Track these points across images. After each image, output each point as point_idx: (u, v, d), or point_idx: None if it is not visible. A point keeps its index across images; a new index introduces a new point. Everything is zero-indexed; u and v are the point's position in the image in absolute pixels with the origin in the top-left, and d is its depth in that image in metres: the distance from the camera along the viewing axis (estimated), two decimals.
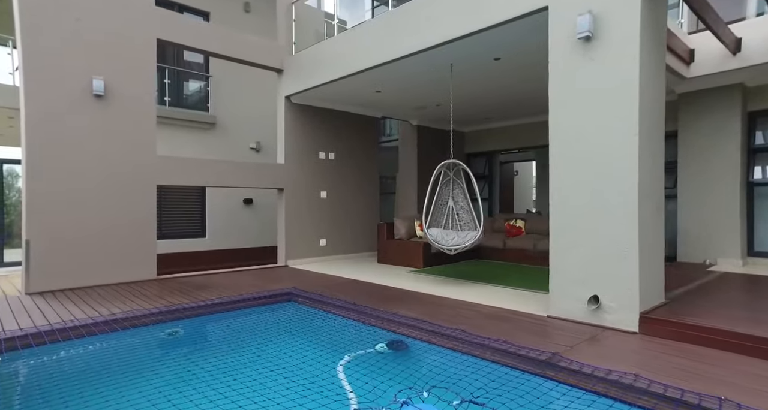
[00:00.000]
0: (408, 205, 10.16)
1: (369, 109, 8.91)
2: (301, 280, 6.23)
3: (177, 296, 5.14)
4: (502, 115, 9.40)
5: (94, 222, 5.72)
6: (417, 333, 3.79)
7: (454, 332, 3.59)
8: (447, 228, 6.16)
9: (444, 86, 6.91)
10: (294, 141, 7.86)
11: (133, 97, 6.05)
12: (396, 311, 4.32)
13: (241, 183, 7.16)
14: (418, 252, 7.27)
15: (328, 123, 8.38)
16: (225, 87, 10.26)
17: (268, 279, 6.38)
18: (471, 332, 3.56)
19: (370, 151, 9.19)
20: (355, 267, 7.43)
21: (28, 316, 4.23)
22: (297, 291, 5.42)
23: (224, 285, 5.83)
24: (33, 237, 5.29)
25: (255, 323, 4.67)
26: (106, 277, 5.81)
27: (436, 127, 10.45)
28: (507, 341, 3.29)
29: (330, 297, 5.03)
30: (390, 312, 4.29)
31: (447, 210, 6.23)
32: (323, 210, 8.29)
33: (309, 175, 8.08)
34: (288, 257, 7.75)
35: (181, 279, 6.31)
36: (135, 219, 6.06)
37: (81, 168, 5.63)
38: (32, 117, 5.31)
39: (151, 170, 6.20)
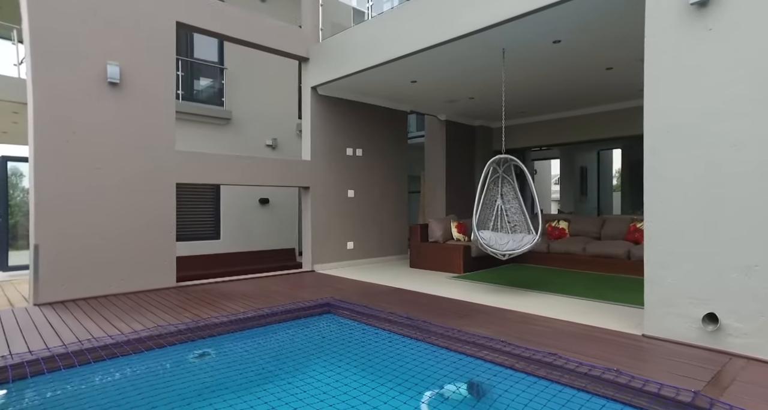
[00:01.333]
0: (436, 206, 9.58)
1: (398, 103, 8.32)
2: (334, 288, 5.65)
3: (202, 307, 4.57)
4: (539, 108, 8.80)
5: (108, 225, 5.15)
6: (496, 356, 3.20)
7: (545, 355, 3.01)
8: (496, 230, 5.57)
9: (488, 74, 6.33)
10: (320, 135, 7.28)
11: (151, 85, 5.48)
12: (461, 327, 3.74)
13: (264, 181, 6.58)
14: (458, 257, 6.68)
15: (355, 117, 7.79)
16: (240, 81, 9.69)
17: (297, 287, 5.81)
18: (563, 355, 2.97)
19: (399, 148, 8.60)
20: (388, 273, 6.85)
21: (38, 334, 3.66)
22: (336, 301, 4.84)
23: (251, 295, 5.26)
24: (42, 242, 4.73)
25: (294, 341, 4.08)
26: (121, 285, 5.24)
27: (465, 123, 9.87)
28: (619, 370, 2.70)
29: (376, 308, 4.45)
30: (455, 328, 3.71)
31: (495, 210, 5.64)
32: (351, 211, 7.71)
33: (336, 172, 7.50)
34: (314, 261, 7.17)
35: (203, 287, 5.74)
36: (153, 221, 5.49)
37: (94, 164, 5.07)
38: (41, 107, 4.75)
39: (170, 167, 5.63)
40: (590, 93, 7.48)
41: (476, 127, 10.15)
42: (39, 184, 4.72)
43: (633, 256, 6.14)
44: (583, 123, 9.00)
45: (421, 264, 7.27)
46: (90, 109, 5.04)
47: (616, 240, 6.69)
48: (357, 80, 6.78)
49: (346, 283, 6.01)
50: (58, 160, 4.84)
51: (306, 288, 5.66)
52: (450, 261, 6.78)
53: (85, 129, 5.01)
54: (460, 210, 9.66)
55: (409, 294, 5.24)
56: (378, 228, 8.15)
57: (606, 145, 13.54)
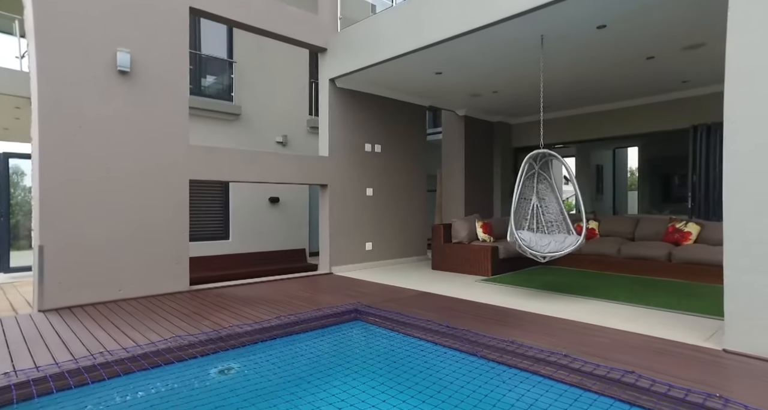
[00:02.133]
0: (453, 205, 9.21)
1: (417, 97, 7.95)
2: (357, 292, 5.29)
3: (220, 314, 4.20)
4: (562, 103, 8.42)
5: (117, 225, 4.79)
6: (562, 373, 2.83)
7: (623, 374, 2.64)
8: (531, 230, 5.20)
9: (519, 64, 5.96)
10: (338, 130, 6.91)
11: (164, 74, 5.12)
12: (510, 337, 3.38)
13: (282, 178, 6.22)
14: (486, 258, 6.31)
15: (373, 111, 7.43)
16: (250, 75, 9.33)
17: (318, 291, 5.45)
18: (646, 375, 2.61)
19: (418, 144, 8.23)
20: (411, 276, 6.49)
21: (45, 346, 3.30)
22: (364, 307, 4.48)
23: (271, 300, 4.89)
24: (47, 243, 4.37)
25: (322, 353, 3.71)
26: (132, 289, 4.88)
27: (483, 118, 9.50)
28: (724, 398, 2.33)
29: (410, 315, 4.09)
30: (505, 339, 3.34)
31: (531, 209, 5.27)
32: (369, 210, 7.35)
33: (354, 169, 7.14)
34: (332, 263, 6.81)
35: (218, 291, 5.38)
36: (165, 221, 5.13)
37: (102, 160, 4.71)
38: (46, 98, 4.39)
39: (183, 163, 5.27)
40: (622, 86, 7.11)
41: (495, 123, 9.79)
42: (44, 180, 4.36)
43: (675, 258, 5.77)
44: (606, 119, 8.64)
45: (444, 266, 6.90)
46: (98, 99, 4.68)
47: (653, 242, 6.31)
48: (378, 72, 6.41)
49: (369, 287, 5.65)
50: (65, 155, 4.48)
51: (327, 293, 5.30)
52: (477, 263, 6.41)
53: (93, 122, 4.64)
54: (479, 210, 9.30)
55: (441, 299, 4.88)
56: (397, 229, 7.79)
57: (623, 143, 13.18)
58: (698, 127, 6.76)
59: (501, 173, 9.72)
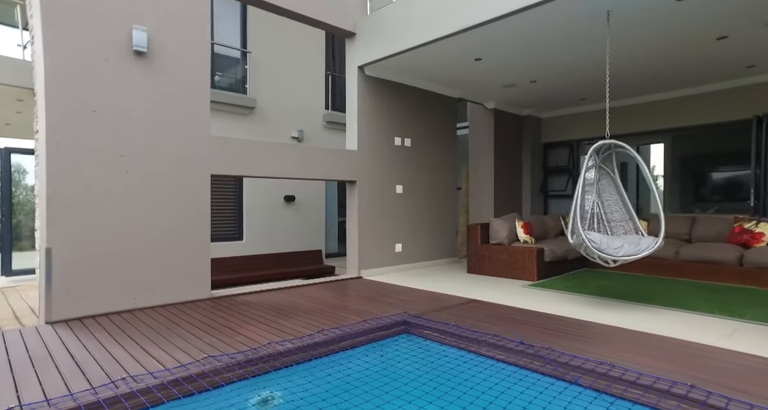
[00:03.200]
0: (481, 204, 8.67)
1: (448, 87, 7.42)
2: (397, 300, 4.76)
3: (254, 327, 3.68)
4: (600, 95, 7.88)
5: (133, 225, 4.27)
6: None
7: None
8: (592, 231, 4.67)
9: (573, 47, 5.42)
10: (367, 122, 6.38)
11: (184, 56, 4.59)
12: (606, 358, 2.84)
13: (309, 173, 5.68)
14: (531, 261, 5.78)
15: (403, 102, 6.89)
16: (264, 67, 8.80)
17: (352, 298, 4.92)
18: None
19: (448, 139, 7.70)
20: (448, 280, 5.96)
21: (55, 369, 2.77)
22: (413, 318, 3.95)
23: (304, 309, 4.37)
24: (56, 246, 3.84)
25: (373, 373, 3.18)
26: (148, 298, 4.35)
27: (512, 112, 8.97)
28: None
29: (471, 328, 3.56)
30: (604, 361, 2.81)
31: (591, 207, 4.74)
32: (399, 209, 6.82)
33: (384, 165, 6.60)
34: (361, 266, 6.28)
35: (243, 298, 4.85)
36: (185, 221, 4.61)
37: (117, 151, 4.18)
38: (54, 79, 3.86)
39: (205, 155, 4.74)
40: (676, 73, 6.56)
41: (524, 117, 9.25)
42: (52, 174, 3.83)
43: (747, 262, 5.23)
44: (643, 112, 8.12)
45: (481, 270, 6.37)
46: (113, 83, 4.15)
47: (716, 243, 5.77)
48: (410, 58, 5.88)
49: (408, 293, 5.12)
50: (75, 146, 3.95)
51: (364, 300, 4.77)
52: (520, 267, 5.88)
53: (106, 107, 4.11)
54: (507, 209, 8.77)
55: (496, 308, 4.35)
56: (426, 229, 7.26)
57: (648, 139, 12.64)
58: (763, 117, 6.23)
59: (531, 170, 9.18)
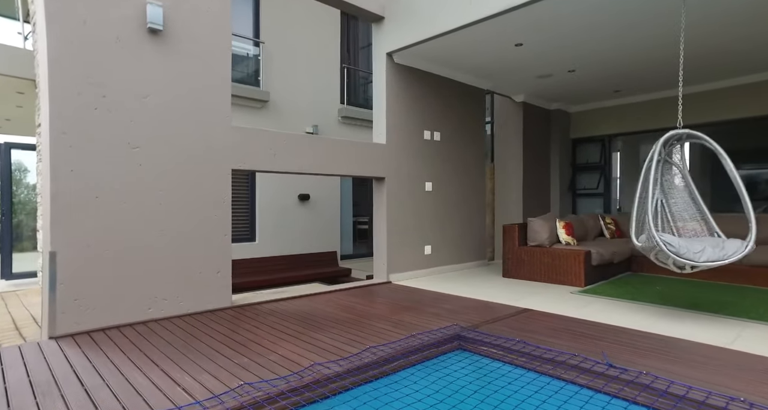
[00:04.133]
0: (509, 203, 8.18)
1: (478, 78, 6.92)
2: (440, 309, 4.27)
3: (288, 344, 3.19)
4: (639, 86, 7.38)
5: (147, 226, 3.79)
6: None
7: None
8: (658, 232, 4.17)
9: (628, 29, 4.93)
10: (396, 114, 5.89)
11: (203, 36, 4.11)
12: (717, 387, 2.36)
13: (338, 169, 5.20)
14: (578, 265, 5.29)
15: (432, 92, 6.40)
16: (278, 59, 8.34)
17: (387, 306, 4.43)
18: None
19: (477, 133, 7.21)
20: (487, 286, 5.47)
21: (61, 399, 2.28)
22: (468, 332, 3.47)
23: (339, 320, 3.88)
24: (61, 249, 3.37)
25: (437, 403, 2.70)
26: (164, 307, 3.87)
27: (540, 105, 8.47)
28: None
29: (543, 346, 3.07)
30: (734, 396, 2.32)
31: (654, 206, 4.25)
32: (428, 208, 6.33)
33: (413, 160, 6.12)
34: (390, 270, 5.79)
35: (268, 307, 4.36)
36: (204, 221, 4.13)
37: (129, 142, 3.70)
38: (58, 59, 3.37)
39: (226, 148, 4.26)
40: (729, 62, 6.06)
41: (552, 111, 8.75)
42: (57, 168, 3.35)
43: None
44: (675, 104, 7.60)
45: (519, 274, 5.88)
46: (124, 64, 3.67)
47: None
48: (445, 44, 5.39)
49: (450, 301, 4.63)
50: (83, 135, 3.47)
51: (402, 309, 4.28)
52: (565, 271, 5.39)
53: (117, 92, 3.63)
54: (535, 208, 8.28)
55: (553, 319, 3.86)
56: (455, 229, 6.77)
57: None
58: None
59: (560, 167, 8.68)
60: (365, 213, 10.52)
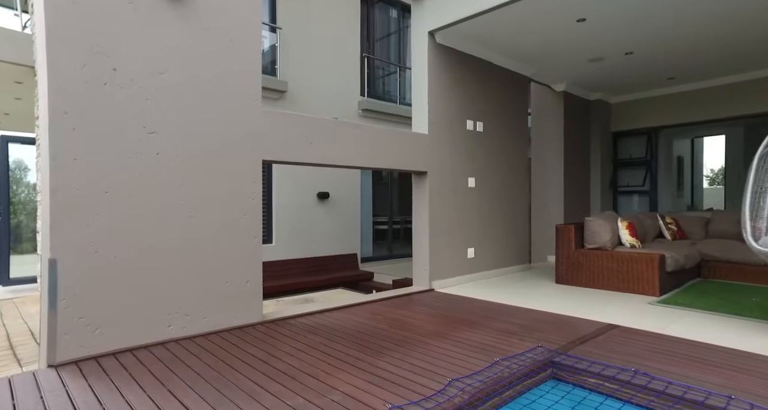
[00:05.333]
0: (549, 201, 7.54)
1: (522, 63, 6.28)
2: (507, 323, 3.63)
3: (345, 373, 2.55)
4: (696, 73, 6.73)
5: (166, 228, 3.16)
6: None
7: None
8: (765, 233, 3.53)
9: None
10: (438, 100, 5.25)
11: (231, 7, 3.47)
12: None
13: (378, 161, 4.55)
14: (652, 272, 4.63)
15: (474, 78, 5.75)
16: (296, 46, 7.72)
17: (440, 319, 3.79)
18: None
19: (521, 124, 6.56)
20: (543, 293, 4.83)
21: None
22: (563, 357, 2.82)
23: (392, 338, 3.24)
24: (63, 256, 2.73)
25: None
26: (187, 324, 3.24)
27: (580, 95, 7.82)
28: None
29: (670, 380, 2.42)
30: None
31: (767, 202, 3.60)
32: (471, 207, 5.69)
33: (456, 152, 5.47)
34: (432, 276, 5.15)
35: (302, 322, 3.72)
36: (231, 221, 3.49)
37: (145, 126, 3.06)
38: (59, 26, 2.74)
39: (256, 136, 3.62)
40: None
41: (591, 102, 8.10)
42: (58, 156, 2.72)
43: None
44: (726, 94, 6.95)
45: (576, 280, 5.23)
46: (138, 32, 3.04)
47: None
48: (494, 20, 4.75)
49: (516, 314, 3.98)
50: (90, 116, 2.83)
51: (462, 324, 3.63)
52: (635, 278, 4.74)
53: (130, 65, 3.00)
54: (575, 207, 7.63)
55: (649, 339, 3.20)
56: (499, 230, 6.12)
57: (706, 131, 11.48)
58: None
59: (601, 162, 8.03)
60: (382, 212, 9.90)
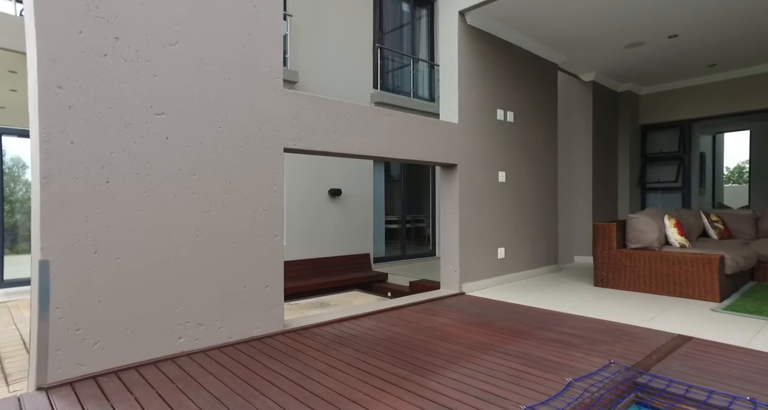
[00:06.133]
0: (576, 198, 7.11)
1: (553, 49, 5.84)
2: (557, 332, 3.20)
3: (392, 397, 2.12)
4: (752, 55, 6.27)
5: (176, 225, 2.73)
6: None
7: None
8: None
9: None
10: (469, 86, 4.82)
11: None
12: None
13: (407, 152, 4.12)
14: (711, 275, 4.19)
15: (504, 64, 5.31)
16: (306, 35, 7.29)
17: (481, 327, 3.36)
18: None
19: (551, 116, 6.12)
20: (585, 298, 4.40)
21: None
22: (639, 376, 2.39)
23: (435, 351, 2.81)
24: (56, 256, 2.31)
25: None
26: (200, 335, 2.81)
27: (608, 86, 7.39)
28: None
29: None
30: None
31: None
32: (502, 203, 5.26)
33: (487, 144, 5.04)
34: (462, 279, 4.72)
35: (328, 332, 3.29)
36: (250, 218, 3.07)
37: (152, 106, 2.64)
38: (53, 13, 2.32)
39: (276, 120, 3.20)
40: None
41: (619, 94, 7.67)
42: (50, 138, 2.29)
43: None
44: None
45: (618, 283, 4.80)
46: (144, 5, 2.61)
47: None
48: None
49: (565, 322, 3.54)
50: (89, 92, 2.40)
51: (507, 334, 3.20)
52: (690, 281, 4.30)
53: (135, 34, 2.57)
54: (602, 206, 7.20)
55: (736, 355, 2.76)
56: (529, 228, 5.69)
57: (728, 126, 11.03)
58: None
59: (630, 157, 7.60)
60: (393, 211, 9.48)
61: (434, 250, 9.92)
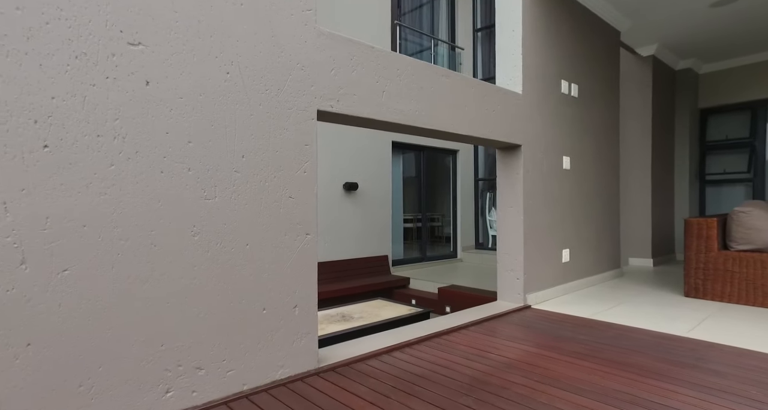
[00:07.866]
0: (632, 191, 6.16)
1: (617, 11, 4.90)
2: (699, 368, 2.26)
3: None
4: None
5: (165, 217, 1.78)
6: None
7: None
8: None
9: None
10: (532, 50, 3.87)
11: None
12: None
13: (463, 127, 3.16)
14: None
15: (567, 28, 4.37)
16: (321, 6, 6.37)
17: (580, 359, 2.42)
18: None
19: (613, 92, 5.17)
20: (692, 315, 3.45)
21: None
22: None
23: (552, 405, 1.87)
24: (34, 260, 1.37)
25: None
26: (199, 385, 1.86)
27: (667, 63, 6.45)
28: None
29: None
30: None
31: None
32: (567, 195, 4.31)
33: (551, 122, 4.10)
34: (527, 288, 3.77)
35: (386, 368, 2.34)
36: (269, 209, 2.12)
37: (122, 43, 1.69)
38: None
39: (308, 71, 2.25)
40: None
41: (677, 72, 6.72)
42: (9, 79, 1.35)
43: None
44: None
45: (720, 293, 3.86)
46: None
47: None
48: None
49: (697, 350, 2.60)
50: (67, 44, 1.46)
51: (621, 367, 2.26)
52: None
53: None
54: (658, 199, 6.26)
55: None
56: (592, 226, 4.74)
57: None
58: None
59: (689, 145, 6.65)
60: (411, 208, 8.54)
61: (455, 252, 8.98)
